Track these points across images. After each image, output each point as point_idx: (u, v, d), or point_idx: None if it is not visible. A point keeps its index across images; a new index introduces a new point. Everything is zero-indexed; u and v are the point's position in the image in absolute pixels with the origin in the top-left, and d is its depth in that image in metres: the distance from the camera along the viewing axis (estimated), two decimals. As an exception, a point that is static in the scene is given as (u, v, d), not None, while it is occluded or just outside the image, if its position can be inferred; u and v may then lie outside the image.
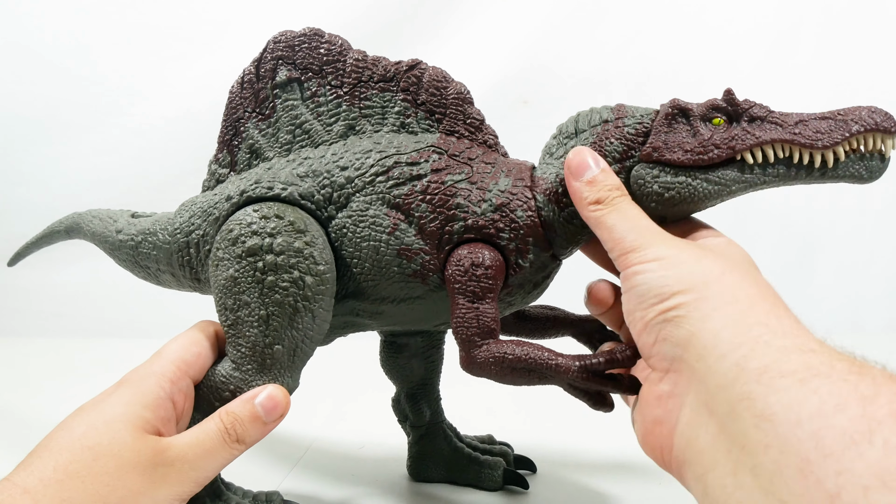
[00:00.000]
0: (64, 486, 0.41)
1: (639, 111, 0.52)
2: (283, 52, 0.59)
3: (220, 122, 0.61)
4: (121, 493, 0.42)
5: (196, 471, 0.46)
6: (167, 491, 0.45)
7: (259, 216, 0.52)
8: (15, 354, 1.40)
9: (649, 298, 0.42)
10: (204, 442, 0.47)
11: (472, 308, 0.50)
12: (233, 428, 0.48)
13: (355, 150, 0.54)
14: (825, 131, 0.47)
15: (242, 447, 0.48)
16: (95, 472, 0.42)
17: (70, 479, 0.42)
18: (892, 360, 1.36)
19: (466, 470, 0.66)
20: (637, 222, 0.46)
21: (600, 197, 0.47)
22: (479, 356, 0.49)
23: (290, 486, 0.69)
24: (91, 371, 1.23)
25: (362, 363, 0.86)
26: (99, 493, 0.42)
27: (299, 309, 0.50)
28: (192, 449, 0.46)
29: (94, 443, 0.44)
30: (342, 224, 0.53)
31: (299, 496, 0.65)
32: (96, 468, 0.43)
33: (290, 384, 0.52)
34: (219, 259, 0.52)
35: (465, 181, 0.53)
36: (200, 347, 0.52)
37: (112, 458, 0.43)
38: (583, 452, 0.76)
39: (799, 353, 0.34)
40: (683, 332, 0.39)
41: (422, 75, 0.56)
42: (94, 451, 0.43)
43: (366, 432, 0.81)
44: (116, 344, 1.47)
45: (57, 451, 0.44)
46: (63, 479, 0.42)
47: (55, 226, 0.80)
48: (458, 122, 0.55)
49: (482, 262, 0.51)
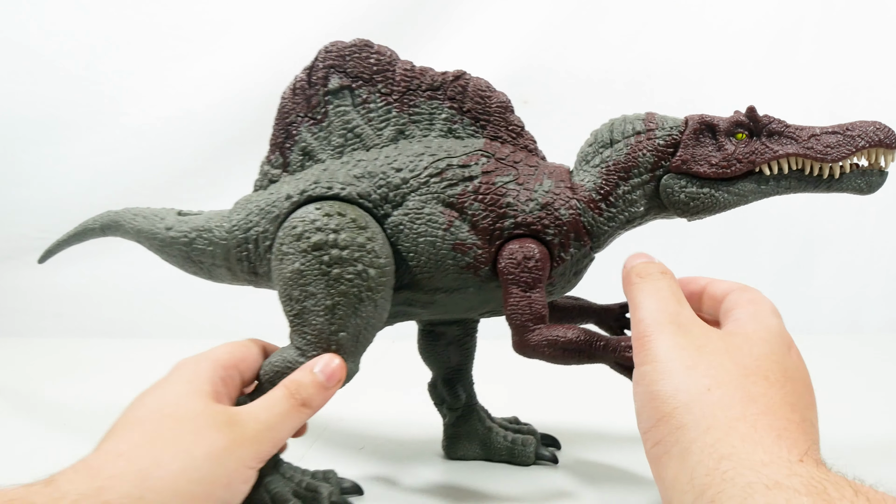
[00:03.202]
0: (154, 446, 0.45)
1: (667, 122, 0.59)
2: (334, 61, 0.64)
3: (272, 126, 0.66)
4: (205, 450, 0.46)
5: (270, 430, 0.50)
6: (247, 449, 0.48)
7: (322, 214, 0.57)
8: (15, 354, 1.40)
9: (642, 421, 0.44)
10: (273, 406, 0.51)
11: (524, 296, 0.56)
12: (298, 392, 0.52)
13: (408, 153, 0.60)
14: (834, 146, 0.54)
15: (309, 411, 0.53)
16: (179, 434, 0.46)
17: (157, 441, 0.45)
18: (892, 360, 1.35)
19: (500, 447, 0.72)
20: (661, 304, 0.48)
21: (643, 272, 0.51)
22: (532, 340, 0.56)
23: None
24: (91, 371, 1.24)
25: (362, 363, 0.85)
26: (185, 450, 0.45)
27: (363, 299, 0.56)
28: (263, 412, 0.51)
29: (170, 411, 0.48)
30: (398, 221, 0.59)
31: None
32: (178, 430, 0.47)
33: (352, 368, 0.58)
34: (283, 254, 0.58)
35: (512, 182, 0.59)
36: (249, 350, 0.58)
37: (190, 421, 0.47)
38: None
39: (763, 491, 0.34)
40: (669, 475, 0.41)
41: (467, 85, 0.62)
42: (173, 418, 0.47)
43: (365, 433, 0.82)
44: (116, 344, 1.48)
45: (137, 423, 0.48)
46: (151, 440, 0.45)
47: (89, 223, 0.84)
48: (501, 128, 0.62)
49: (533, 255, 0.57)
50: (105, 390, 1.06)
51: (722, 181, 0.57)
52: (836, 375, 1.11)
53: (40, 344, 1.49)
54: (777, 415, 0.39)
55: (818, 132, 0.55)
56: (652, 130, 0.59)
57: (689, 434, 0.40)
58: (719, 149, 0.57)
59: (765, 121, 0.56)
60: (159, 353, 1.38)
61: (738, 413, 0.39)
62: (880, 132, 0.53)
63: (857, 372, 1.15)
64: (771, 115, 0.57)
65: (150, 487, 0.42)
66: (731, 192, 0.57)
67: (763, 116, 0.57)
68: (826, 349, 1.32)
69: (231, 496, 0.47)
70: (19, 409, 0.97)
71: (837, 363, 1.21)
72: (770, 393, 0.41)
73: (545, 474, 0.69)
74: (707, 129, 0.58)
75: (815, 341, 1.41)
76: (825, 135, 0.55)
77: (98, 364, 1.31)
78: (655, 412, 0.42)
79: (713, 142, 0.58)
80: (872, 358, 1.26)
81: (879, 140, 0.53)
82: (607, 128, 0.61)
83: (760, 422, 0.39)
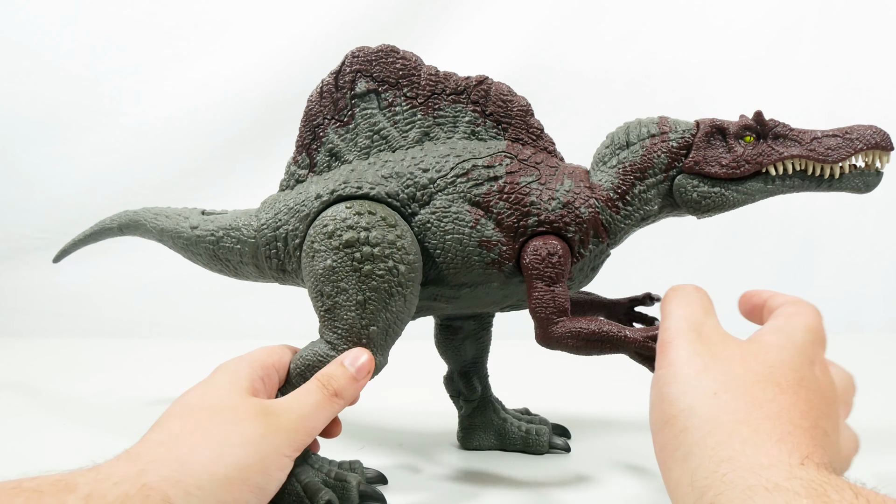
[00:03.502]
0: (192, 436, 0.47)
1: (680, 126, 0.63)
2: (361, 65, 0.66)
3: (298, 128, 0.68)
4: (241, 437, 0.48)
5: (304, 420, 0.52)
6: (283, 438, 0.50)
7: (353, 212, 0.59)
8: (15, 354, 1.40)
9: (652, 423, 0.45)
10: (306, 397, 0.54)
11: (548, 291, 0.59)
12: (329, 384, 0.54)
13: (434, 154, 0.63)
14: (835, 148, 0.59)
15: (341, 401, 0.55)
16: (216, 423, 0.49)
17: (196, 431, 0.48)
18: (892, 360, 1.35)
19: (515, 437, 0.74)
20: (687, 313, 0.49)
21: (678, 287, 0.53)
22: (556, 332, 0.58)
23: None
24: (91, 371, 1.24)
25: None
26: (222, 438, 0.47)
27: (393, 294, 0.58)
28: (297, 403, 0.53)
29: (209, 404, 0.51)
30: (425, 220, 0.61)
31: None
32: (216, 420, 0.49)
33: (382, 361, 0.60)
34: (315, 251, 0.60)
35: (535, 182, 0.62)
36: (284, 353, 0.60)
37: (228, 412, 0.50)
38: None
39: (763, 493, 0.34)
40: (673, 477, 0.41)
41: (489, 89, 0.65)
42: (211, 409, 0.50)
43: (365, 432, 0.83)
44: (116, 344, 1.48)
45: (178, 416, 0.50)
46: (190, 431, 0.48)
47: (106, 223, 0.85)
48: (522, 130, 0.64)
49: (556, 251, 0.60)
50: (105, 390, 1.06)
51: (731, 181, 0.61)
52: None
53: (40, 344, 1.50)
54: (783, 419, 0.39)
55: (819, 135, 0.60)
56: (666, 133, 0.63)
57: (692, 436, 0.40)
58: (729, 150, 0.61)
59: (771, 124, 0.61)
60: (159, 353, 1.40)
61: (742, 417, 0.39)
62: (877, 135, 0.58)
63: (857, 372, 1.15)
64: (776, 119, 0.61)
65: (188, 471, 0.44)
66: (739, 191, 0.61)
67: (769, 120, 0.61)
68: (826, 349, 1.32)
69: (267, 482, 0.49)
70: (20, 408, 0.97)
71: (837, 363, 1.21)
72: (779, 399, 0.41)
73: (559, 462, 0.72)
74: (717, 132, 0.62)
75: (815, 341, 1.42)
76: (826, 138, 0.59)
77: (98, 364, 1.32)
78: (663, 414, 0.43)
79: (723, 144, 0.62)
80: (872, 358, 1.26)
81: (876, 143, 0.58)
82: (623, 130, 0.65)
83: (764, 426, 0.39)
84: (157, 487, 0.42)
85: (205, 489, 0.44)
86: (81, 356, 1.38)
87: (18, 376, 1.17)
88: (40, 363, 1.33)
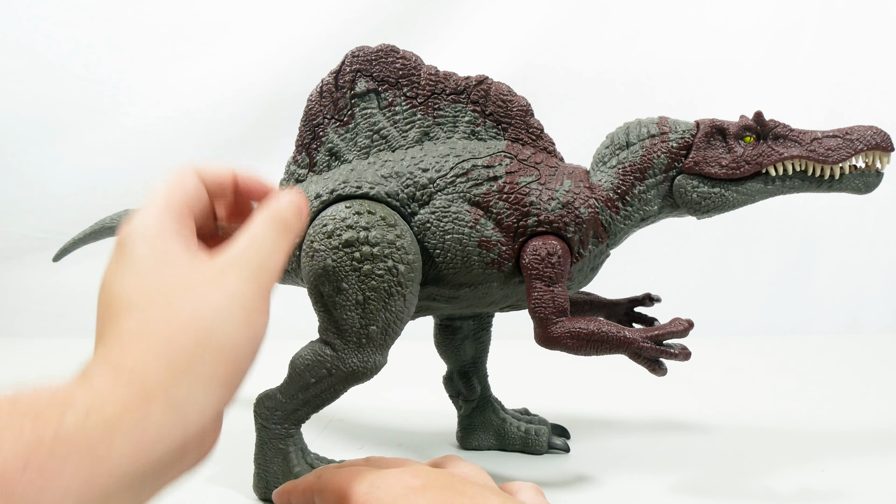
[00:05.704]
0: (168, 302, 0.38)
1: (680, 126, 0.63)
2: (360, 65, 0.66)
3: (298, 128, 0.68)
4: (217, 292, 0.39)
5: (261, 251, 0.42)
6: (252, 288, 0.41)
7: (352, 212, 0.59)
8: (15, 354, 1.40)
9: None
10: (255, 235, 0.43)
11: (548, 291, 0.59)
12: (273, 218, 0.44)
13: (433, 154, 0.63)
14: (835, 148, 0.59)
15: (291, 234, 0.45)
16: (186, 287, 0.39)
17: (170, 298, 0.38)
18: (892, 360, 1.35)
19: (514, 437, 0.75)
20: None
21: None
22: (555, 332, 0.59)
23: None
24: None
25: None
26: (197, 297, 0.38)
27: (393, 293, 0.58)
28: (253, 247, 0.42)
29: (164, 284, 0.39)
30: (425, 219, 0.61)
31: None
32: (183, 301, 0.38)
33: (381, 361, 0.60)
34: (314, 251, 0.60)
35: (535, 182, 0.62)
36: (189, 181, 0.44)
37: (190, 288, 0.37)
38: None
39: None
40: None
41: (489, 89, 0.65)
42: (169, 290, 0.38)
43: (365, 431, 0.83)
44: (116, 344, 1.47)
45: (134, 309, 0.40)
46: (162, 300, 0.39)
47: (106, 222, 0.86)
48: (522, 130, 0.65)
49: (556, 252, 0.60)
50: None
51: (731, 181, 0.61)
52: (835, 375, 1.12)
53: (41, 344, 1.49)
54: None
55: (820, 136, 0.60)
56: (665, 133, 0.63)
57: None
58: (729, 151, 0.61)
59: (771, 125, 0.61)
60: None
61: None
62: (877, 136, 0.59)
63: (856, 372, 1.15)
64: (776, 120, 0.61)
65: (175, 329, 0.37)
66: (739, 191, 0.61)
67: (769, 121, 0.61)
68: (826, 349, 1.33)
69: (255, 331, 0.41)
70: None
71: (837, 363, 1.23)
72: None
73: (558, 462, 0.72)
74: (717, 132, 0.62)
75: (815, 341, 1.42)
76: (826, 138, 0.59)
77: (98, 364, 1.31)
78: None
79: (723, 144, 0.62)
80: (872, 358, 1.27)
81: (876, 143, 0.58)
82: (623, 131, 0.65)
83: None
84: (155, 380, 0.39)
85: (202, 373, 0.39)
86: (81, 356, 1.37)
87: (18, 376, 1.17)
88: (40, 363, 1.33)
